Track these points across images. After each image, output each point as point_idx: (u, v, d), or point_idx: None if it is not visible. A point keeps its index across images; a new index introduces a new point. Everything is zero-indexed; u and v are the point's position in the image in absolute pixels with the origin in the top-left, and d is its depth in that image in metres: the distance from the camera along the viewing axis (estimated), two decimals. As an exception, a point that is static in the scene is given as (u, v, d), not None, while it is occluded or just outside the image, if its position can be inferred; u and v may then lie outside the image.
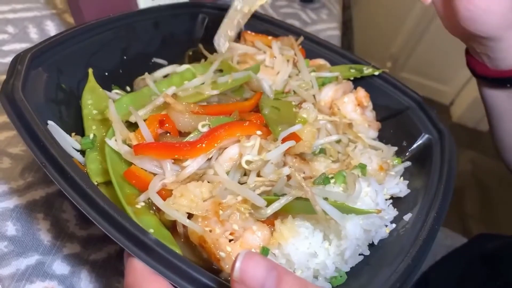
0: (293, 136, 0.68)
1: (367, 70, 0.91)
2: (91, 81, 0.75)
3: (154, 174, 0.62)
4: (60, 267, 0.62)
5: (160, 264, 0.48)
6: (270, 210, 0.59)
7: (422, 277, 1.17)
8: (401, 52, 3.57)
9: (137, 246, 0.49)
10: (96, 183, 0.61)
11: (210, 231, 0.57)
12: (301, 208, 0.61)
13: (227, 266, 0.56)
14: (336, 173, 0.66)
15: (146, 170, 0.62)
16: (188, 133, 0.66)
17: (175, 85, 0.74)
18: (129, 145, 0.62)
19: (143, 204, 0.60)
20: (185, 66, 0.83)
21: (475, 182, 2.98)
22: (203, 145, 0.63)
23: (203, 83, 0.76)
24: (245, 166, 0.63)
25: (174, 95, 0.70)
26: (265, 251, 0.58)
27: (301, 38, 0.95)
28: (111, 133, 0.63)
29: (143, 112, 0.67)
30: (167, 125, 0.65)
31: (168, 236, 0.59)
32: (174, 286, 0.48)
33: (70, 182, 0.53)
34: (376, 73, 0.91)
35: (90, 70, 0.76)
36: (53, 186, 0.69)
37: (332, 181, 0.65)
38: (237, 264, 0.41)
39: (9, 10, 0.98)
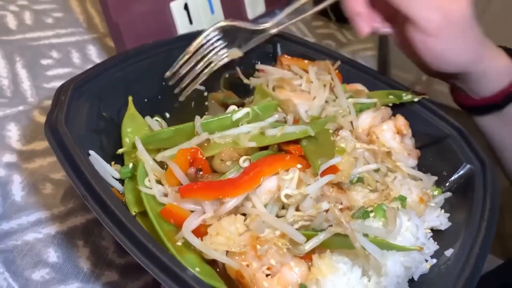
0: (332, 168, 0.67)
1: (406, 97, 0.89)
2: (131, 109, 0.76)
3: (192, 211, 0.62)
4: (100, 295, 0.63)
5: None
6: (308, 246, 0.58)
7: None
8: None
9: (175, 282, 0.50)
10: (134, 213, 0.62)
11: (247, 265, 0.57)
12: (339, 243, 0.60)
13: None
14: (376, 207, 0.65)
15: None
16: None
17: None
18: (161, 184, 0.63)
19: (183, 240, 0.60)
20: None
21: (516, 201, 2.88)
22: (246, 182, 0.63)
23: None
24: (284, 200, 0.62)
25: (208, 140, 0.69)
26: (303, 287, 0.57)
27: (338, 63, 0.95)
28: (142, 173, 0.63)
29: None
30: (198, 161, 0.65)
31: (212, 273, 0.59)
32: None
33: (109, 215, 0.54)
34: (416, 99, 0.89)
35: (130, 98, 0.77)
36: (92, 213, 0.70)
37: (371, 215, 0.64)
38: None
39: (53, 35, 1.01)
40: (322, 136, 0.75)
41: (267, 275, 0.58)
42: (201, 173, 0.65)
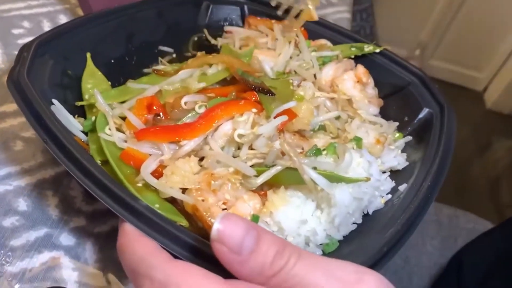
0: (288, 113, 0.70)
1: (368, 48, 0.91)
2: (90, 65, 0.78)
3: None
4: (67, 239, 0.66)
5: (146, 226, 0.52)
6: (260, 180, 0.61)
7: (455, 258, 1.16)
8: (430, 39, 3.49)
9: (127, 211, 0.53)
10: (99, 162, 0.64)
11: (203, 200, 0.60)
12: (291, 178, 0.63)
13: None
14: (328, 145, 0.67)
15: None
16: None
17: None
18: (122, 131, 0.66)
19: (143, 181, 0.63)
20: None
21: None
22: (201, 125, 0.66)
23: (191, 76, 0.77)
24: (237, 140, 0.65)
25: (159, 92, 0.72)
26: (255, 218, 0.60)
27: (302, 19, 0.96)
28: (102, 123, 0.66)
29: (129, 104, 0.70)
30: (155, 107, 0.67)
31: (171, 209, 0.61)
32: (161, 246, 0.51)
33: (68, 156, 0.57)
34: (377, 50, 0.91)
35: (88, 55, 0.79)
36: (62, 166, 0.73)
37: (324, 152, 0.67)
38: (216, 225, 0.43)
39: (25, 7, 1.04)
40: (282, 85, 0.78)
41: (223, 210, 0.61)
42: (159, 117, 0.68)
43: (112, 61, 0.85)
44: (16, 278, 0.61)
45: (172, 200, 0.63)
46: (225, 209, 0.61)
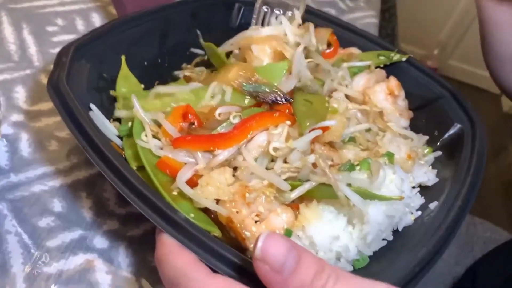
0: (322, 128, 0.70)
1: (395, 57, 0.91)
2: (124, 69, 0.78)
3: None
4: (100, 241, 0.68)
5: (186, 239, 0.52)
6: (294, 195, 0.62)
7: (471, 270, 1.16)
8: (449, 39, 3.46)
9: (167, 222, 0.54)
10: (135, 168, 0.65)
11: (237, 212, 0.61)
12: (325, 193, 0.63)
13: (251, 245, 0.59)
14: (362, 161, 0.68)
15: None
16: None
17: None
18: (158, 138, 0.66)
19: (178, 190, 0.63)
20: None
21: (528, 177, 2.87)
22: (236, 136, 0.66)
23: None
24: (272, 153, 0.65)
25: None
26: (288, 233, 0.61)
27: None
28: (138, 129, 0.67)
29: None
30: (190, 116, 0.68)
31: (205, 219, 0.62)
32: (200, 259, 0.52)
33: (108, 164, 0.58)
34: (403, 58, 0.91)
35: (123, 58, 0.79)
36: (96, 167, 0.75)
37: (357, 168, 0.67)
38: (259, 244, 0.44)
39: (58, 3, 1.05)
40: (317, 101, 0.78)
41: (256, 222, 0.61)
42: (193, 126, 0.68)
43: (146, 63, 0.86)
44: (53, 279, 0.62)
45: (205, 210, 0.64)
46: (258, 221, 0.62)
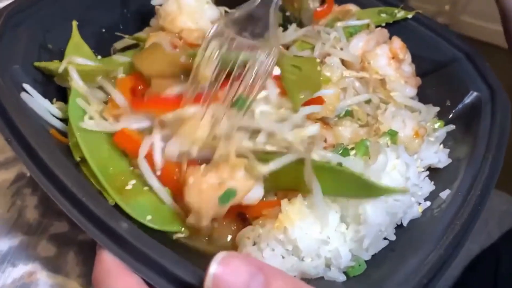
0: (316, 100, 0.59)
1: (399, 14, 0.77)
2: (75, 36, 0.66)
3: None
4: (45, 248, 0.57)
5: (130, 256, 0.42)
6: (267, 168, 0.50)
7: (492, 249, 1.05)
8: (462, -7, 3.26)
9: (105, 234, 0.43)
10: (79, 159, 0.54)
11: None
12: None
13: (186, 192, 0.49)
14: (358, 143, 0.55)
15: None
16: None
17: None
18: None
19: (133, 182, 0.53)
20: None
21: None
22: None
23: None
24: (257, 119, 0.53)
25: None
26: (230, 193, 0.49)
27: None
28: (76, 109, 0.55)
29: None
30: (140, 87, 0.57)
31: (169, 215, 0.53)
32: (147, 283, 0.41)
33: (36, 160, 0.47)
34: (410, 15, 0.77)
35: (74, 23, 0.66)
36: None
37: (352, 152, 0.55)
38: (211, 269, 0.34)
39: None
40: (308, 64, 0.65)
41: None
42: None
43: (103, 30, 0.73)
44: (-16, 298, 0.52)
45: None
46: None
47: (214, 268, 0.34)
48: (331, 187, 0.51)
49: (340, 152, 0.54)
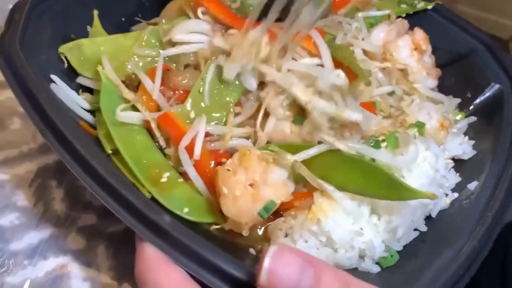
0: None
1: (420, 4, 0.77)
2: (96, 26, 0.65)
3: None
4: (75, 241, 0.57)
5: (175, 249, 0.41)
6: (294, 157, 0.50)
7: (500, 238, 1.05)
8: (457, -18, 3.25)
9: (149, 229, 0.42)
10: (110, 152, 0.53)
11: (228, 170, 0.50)
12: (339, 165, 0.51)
13: (224, 204, 0.49)
14: (388, 135, 0.55)
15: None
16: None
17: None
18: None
19: (168, 175, 0.52)
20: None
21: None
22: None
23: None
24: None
25: None
26: (271, 204, 0.49)
27: None
28: (109, 100, 0.54)
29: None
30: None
31: (204, 206, 0.53)
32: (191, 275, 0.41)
33: (73, 154, 0.46)
34: (429, 6, 0.77)
35: (95, 13, 0.66)
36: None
37: (383, 145, 0.55)
38: (266, 263, 0.34)
39: None
40: (341, 51, 0.64)
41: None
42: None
43: (123, 19, 0.72)
44: (18, 291, 0.52)
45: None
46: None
47: (267, 262, 0.34)
48: (360, 184, 0.51)
49: (372, 144, 0.54)
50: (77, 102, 0.56)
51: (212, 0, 0.62)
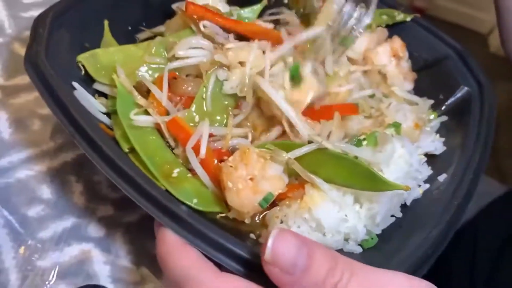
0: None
1: (399, 16, 0.85)
2: (107, 35, 0.72)
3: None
4: (95, 229, 0.64)
5: (190, 234, 0.49)
6: (288, 155, 0.58)
7: (470, 226, 1.14)
8: (437, -23, 3.34)
9: (168, 217, 0.50)
10: (127, 150, 0.60)
11: (231, 166, 0.57)
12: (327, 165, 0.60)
13: (228, 196, 0.57)
14: (368, 135, 0.64)
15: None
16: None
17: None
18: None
19: (178, 170, 0.60)
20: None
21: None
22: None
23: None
24: None
25: None
26: (269, 196, 0.57)
27: None
28: (125, 104, 0.62)
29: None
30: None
31: (211, 199, 0.60)
32: (205, 255, 0.49)
33: (99, 153, 0.53)
34: (408, 18, 0.85)
35: (106, 23, 0.72)
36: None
37: (364, 143, 0.63)
38: (269, 244, 0.41)
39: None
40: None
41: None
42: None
43: (129, 28, 0.79)
44: (48, 273, 0.59)
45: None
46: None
47: (271, 241, 0.42)
48: (345, 177, 0.59)
49: (354, 143, 0.63)
50: (96, 107, 0.63)
51: (207, 11, 0.69)
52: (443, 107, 0.80)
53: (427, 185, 0.68)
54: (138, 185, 0.51)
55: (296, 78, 0.63)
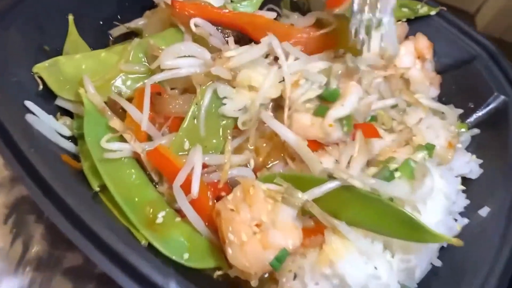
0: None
1: (422, 9, 0.73)
2: (72, 33, 0.58)
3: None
4: (61, 284, 0.51)
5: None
6: (306, 196, 0.46)
7: None
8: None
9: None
10: (97, 189, 0.47)
11: (232, 210, 0.45)
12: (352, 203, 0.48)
13: (230, 253, 0.45)
14: (402, 164, 0.51)
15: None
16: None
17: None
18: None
19: (163, 214, 0.48)
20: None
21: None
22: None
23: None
24: None
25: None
26: (283, 253, 0.45)
27: None
28: (92, 131, 0.48)
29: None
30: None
31: (205, 248, 0.48)
32: None
33: (55, 202, 0.40)
34: (433, 12, 0.73)
35: (71, 18, 0.59)
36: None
37: (396, 175, 0.51)
38: None
39: None
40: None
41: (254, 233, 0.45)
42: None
43: (101, 22, 0.64)
44: None
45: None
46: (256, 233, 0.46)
47: None
48: (374, 221, 0.48)
49: (386, 176, 0.50)
50: (57, 131, 0.49)
51: (198, 6, 0.56)
52: (473, 118, 0.68)
53: (466, 220, 0.57)
54: (107, 248, 0.39)
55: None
